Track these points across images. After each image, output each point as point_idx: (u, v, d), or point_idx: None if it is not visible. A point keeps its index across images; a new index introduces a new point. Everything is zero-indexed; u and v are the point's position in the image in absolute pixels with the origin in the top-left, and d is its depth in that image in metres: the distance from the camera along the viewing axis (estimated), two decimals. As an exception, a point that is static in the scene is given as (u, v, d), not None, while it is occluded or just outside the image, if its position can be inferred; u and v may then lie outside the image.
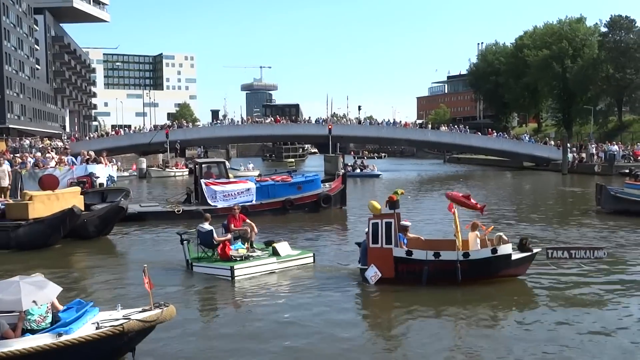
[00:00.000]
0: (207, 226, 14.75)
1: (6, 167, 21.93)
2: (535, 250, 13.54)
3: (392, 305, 12.18)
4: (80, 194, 24.32)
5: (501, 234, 13.62)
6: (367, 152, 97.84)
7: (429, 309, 11.53)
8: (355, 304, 12.37)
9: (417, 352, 9.42)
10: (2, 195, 21.01)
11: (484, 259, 12.95)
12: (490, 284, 12.85)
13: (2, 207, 18.75)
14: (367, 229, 13.47)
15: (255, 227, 15.61)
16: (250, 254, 14.65)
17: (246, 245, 14.97)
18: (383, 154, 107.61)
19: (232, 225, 15.31)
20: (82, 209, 19.70)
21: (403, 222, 13.88)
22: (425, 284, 12.71)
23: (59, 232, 18.70)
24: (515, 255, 13.22)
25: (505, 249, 13.06)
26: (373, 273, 13.02)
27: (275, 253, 14.91)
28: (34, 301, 7.75)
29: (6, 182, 21.47)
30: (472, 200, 13.54)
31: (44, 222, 18.38)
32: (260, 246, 15.54)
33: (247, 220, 15.69)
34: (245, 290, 13.14)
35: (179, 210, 24.76)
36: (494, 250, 12.99)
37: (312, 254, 15.52)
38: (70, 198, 19.65)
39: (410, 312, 11.37)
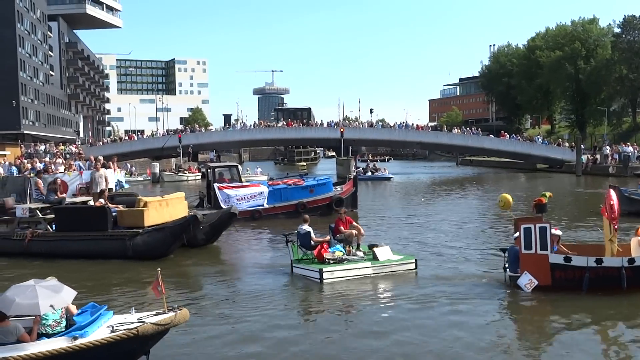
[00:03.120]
0: (305, 227, 14.72)
1: (104, 171, 21.19)
2: None
3: (548, 313, 11.59)
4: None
5: None
6: (371, 157, 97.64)
7: (591, 317, 11.00)
8: (479, 312, 11.32)
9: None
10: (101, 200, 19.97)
11: None
12: None
13: (115, 213, 17.43)
14: (516, 234, 12.89)
15: (362, 230, 15.46)
16: (345, 257, 14.37)
17: (347, 248, 14.80)
18: (387, 157, 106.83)
19: (340, 227, 15.25)
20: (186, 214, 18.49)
21: (553, 231, 12.94)
22: (586, 291, 12.11)
23: (180, 240, 17.25)
24: None
25: None
26: (528, 280, 12.36)
27: (374, 257, 14.53)
28: (51, 305, 7.79)
29: (103, 186, 20.55)
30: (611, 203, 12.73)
31: (164, 230, 16.99)
32: (365, 249, 15.27)
33: (354, 223, 15.57)
34: (332, 294, 12.91)
35: None
36: None
37: (414, 260, 14.76)
38: (177, 204, 18.53)
39: (570, 320, 10.85)
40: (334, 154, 69.91)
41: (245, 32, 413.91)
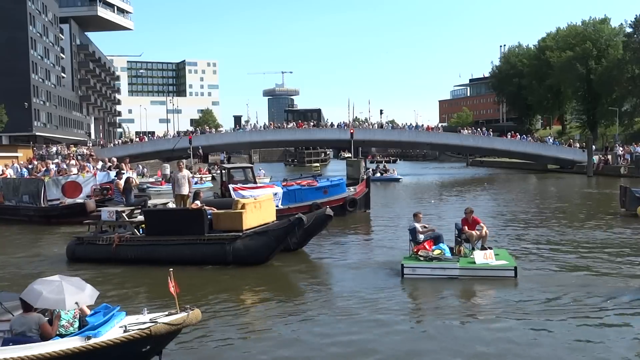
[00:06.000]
0: (413, 223, 15.04)
1: (186, 172, 20.33)
2: None
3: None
4: (104, 200, 24.61)
5: None
6: (378, 157, 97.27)
7: None
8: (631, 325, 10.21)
9: None
10: (182, 203, 19.23)
11: None
12: None
13: (210, 217, 16.41)
14: None
15: (484, 231, 15.02)
16: (438, 255, 14.05)
17: (458, 247, 14.59)
18: (393, 158, 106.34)
19: (464, 227, 15.19)
20: (274, 217, 17.59)
21: None
22: None
23: (284, 244, 16.37)
24: None
25: None
26: None
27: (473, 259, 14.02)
28: (76, 302, 7.93)
29: (186, 190, 19.65)
30: None
31: (267, 233, 15.99)
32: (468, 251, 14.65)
33: (481, 224, 15.23)
34: (404, 291, 12.81)
35: None
36: None
37: (513, 267, 13.54)
38: (267, 206, 17.59)
39: None
40: (349, 155, 69.91)
41: (255, 34, 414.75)
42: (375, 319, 10.79)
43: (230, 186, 25.42)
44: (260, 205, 16.92)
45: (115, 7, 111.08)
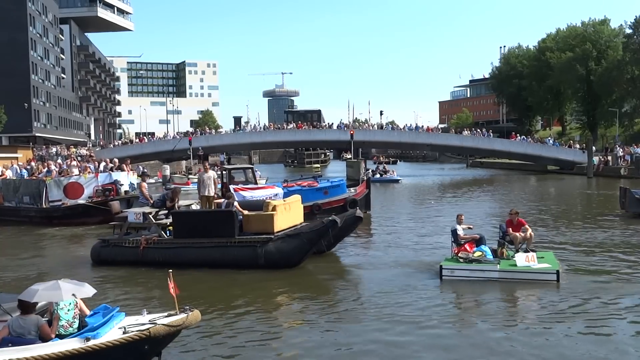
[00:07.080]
0: (455, 225, 15.02)
1: (212, 173, 19.87)
2: None
3: None
4: (107, 201, 24.57)
5: None
6: (382, 158, 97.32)
7: None
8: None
9: None
10: (207, 205, 18.85)
11: None
12: None
13: (240, 218, 16.01)
14: None
15: (528, 233, 14.82)
16: (477, 257, 13.89)
17: (500, 249, 14.39)
18: (392, 159, 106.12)
19: (508, 229, 15.02)
20: (302, 219, 17.25)
21: None
22: None
23: (317, 247, 16.00)
24: None
25: None
26: None
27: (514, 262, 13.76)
28: (73, 294, 8.04)
29: (212, 191, 19.19)
30: None
31: (300, 236, 15.60)
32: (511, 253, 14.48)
33: (526, 226, 15.05)
34: (442, 294, 12.62)
35: None
36: None
37: (555, 271, 13.18)
38: (296, 208, 17.21)
39: None
40: (350, 156, 69.99)
41: (255, 34, 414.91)
42: (413, 322, 10.60)
43: (232, 187, 25.40)
44: (289, 207, 16.60)
45: (115, 8, 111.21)
